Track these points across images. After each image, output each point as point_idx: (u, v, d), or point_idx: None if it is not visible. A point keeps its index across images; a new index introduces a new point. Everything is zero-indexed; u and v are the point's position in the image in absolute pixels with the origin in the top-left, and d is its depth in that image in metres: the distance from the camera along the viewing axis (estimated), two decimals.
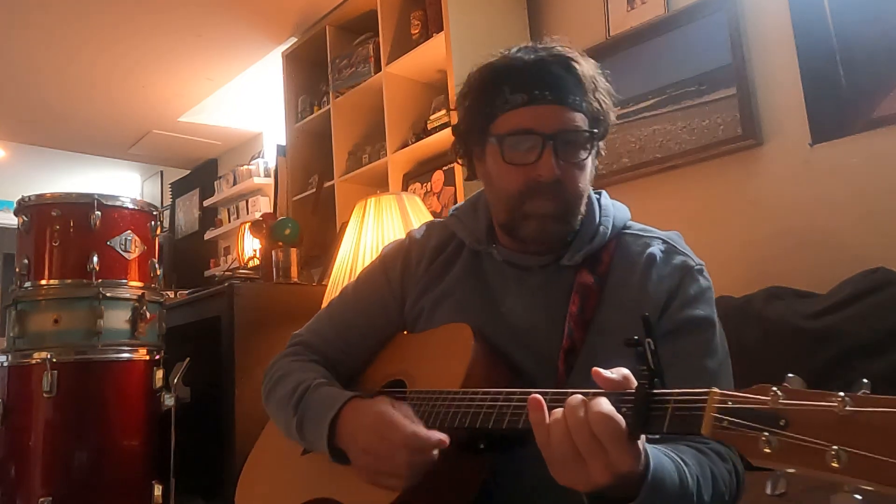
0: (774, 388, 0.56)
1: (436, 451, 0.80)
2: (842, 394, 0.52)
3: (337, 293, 1.94)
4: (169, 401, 1.97)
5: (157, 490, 1.92)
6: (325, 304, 2.02)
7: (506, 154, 0.94)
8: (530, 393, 0.71)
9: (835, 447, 0.50)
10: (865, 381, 0.53)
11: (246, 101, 4.28)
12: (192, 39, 3.50)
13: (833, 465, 0.50)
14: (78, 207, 1.96)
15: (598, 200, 1.03)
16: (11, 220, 2.19)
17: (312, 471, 1.02)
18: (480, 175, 1.03)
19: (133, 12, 3.20)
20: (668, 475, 0.71)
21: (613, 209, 1.03)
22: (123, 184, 6.10)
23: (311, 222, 3.07)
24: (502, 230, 1.01)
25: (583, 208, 0.98)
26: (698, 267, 0.97)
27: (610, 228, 0.99)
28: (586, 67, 0.97)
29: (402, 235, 1.26)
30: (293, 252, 2.48)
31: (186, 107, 4.29)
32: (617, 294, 0.94)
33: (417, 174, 2.81)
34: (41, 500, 1.78)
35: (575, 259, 0.97)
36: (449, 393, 0.86)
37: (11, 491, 1.84)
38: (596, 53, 2.37)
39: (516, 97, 0.94)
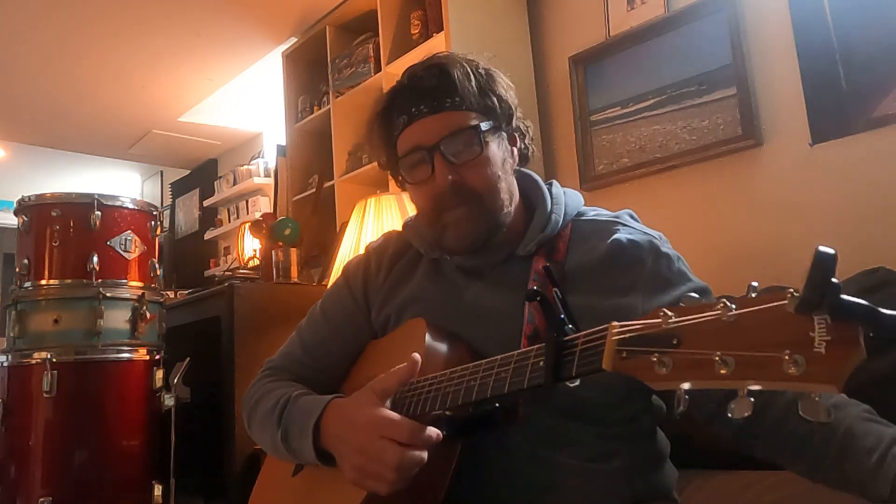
0: (664, 310, 0.55)
1: (424, 453, 0.79)
2: (724, 299, 0.51)
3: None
4: (169, 401, 1.97)
5: (157, 490, 1.92)
6: None
7: (407, 177, 0.99)
8: (484, 363, 0.76)
9: (719, 353, 0.50)
10: (754, 283, 0.52)
11: (246, 101, 4.27)
12: (192, 39, 3.50)
13: (722, 371, 0.50)
14: (78, 207, 1.96)
15: (550, 190, 1.03)
16: (11, 220, 2.19)
17: (302, 490, 1.02)
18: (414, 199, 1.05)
19: (133, 12, 3.20)
20: None
21: (565, 197, 1.03)
22: (123, 184, 6.10)
23: (311, 222, 3.06)
24: (438, 249, 1.03)
25: (502, 200, 0.97)
26: (657, 242, 0.97)
27: (562, 217, 1.00)
28: (461, 66, 0.97)
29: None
30: (293, 252, 2.48)
31: (186, 107, 4.29)
32: (577, 279, 0.94)
33: None
34: (41, 500, 1.78)
35: (529, 248, 0.98)
36: (411, 384, 0.87)
37: (11, 491, 1.84)
38: (596, 53, 2.40)
39: (401, 120, 0.98)
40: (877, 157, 1.76)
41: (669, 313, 0.55)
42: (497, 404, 0.80)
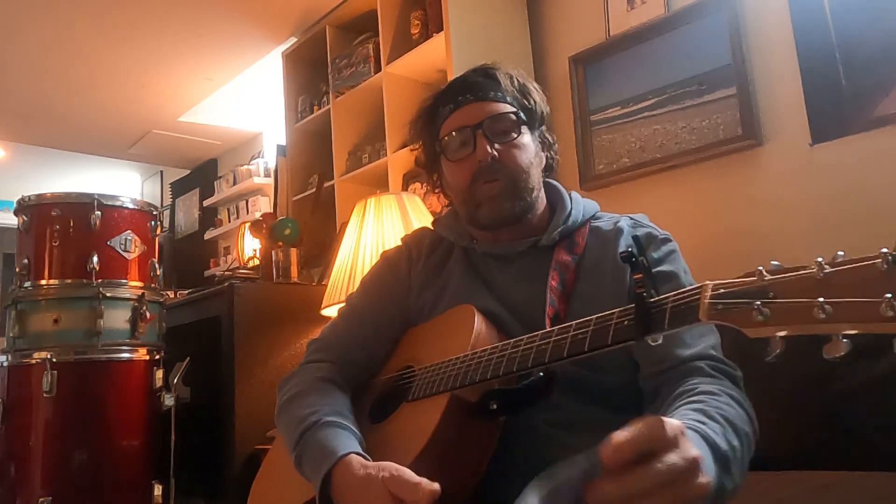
0: (759, 268, 0.61)
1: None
2: (820, 259, 0.58)
3: (336, 293, 1.95)
4: (169, 401, 1.97)
5: (157, 490, 1.92)
6: (324, 303, 2.02)
7: (449, 154, 1.10)
8: (534, 337, 0.82)
9: (819, 299, 0.56)
10: (841, 252, 0.59)
11: (246, 101, 4.28)
12: (192, 39, 3.50)
13: (820, 316, 0.55)
14: (78, 207, 1.96)
15: (570, 195, 1.15)
16: (11, 220, 2.19)
17: None
18: (448, 191, 1.16)
19: (133, 12, 3.20)
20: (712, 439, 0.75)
21: (583, 202, 1.14)
22: (123, 184, 6.10)
23: (311, 222, 3.06)
24: (471, 226, 1.13)
25: (532, 184, 1.08)
26: (663, 236, 1.06)
27: (581, 215, 1.11)
28: (506, 71, 1.12)
29: (402, 235, 1.31)
30: (293, 252, 2.48)
31: (186, 107, 4.29)
32: (593, 269, 1.04)
33: (417, 174, 2.81)
34: (41, 500, 1.78)
35: (552, 237, 1.07)
36: (458, 358, 0.92)
37: (11, 491, 1.84)
38: (596, 53, 2.40)
39: (446, 108, 1.11)
40: (877, 157, 1.75)
41: (765, 272, 0.60)
42: (542, 374, 0.84)
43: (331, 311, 2.00)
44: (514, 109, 1.08)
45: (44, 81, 3.87)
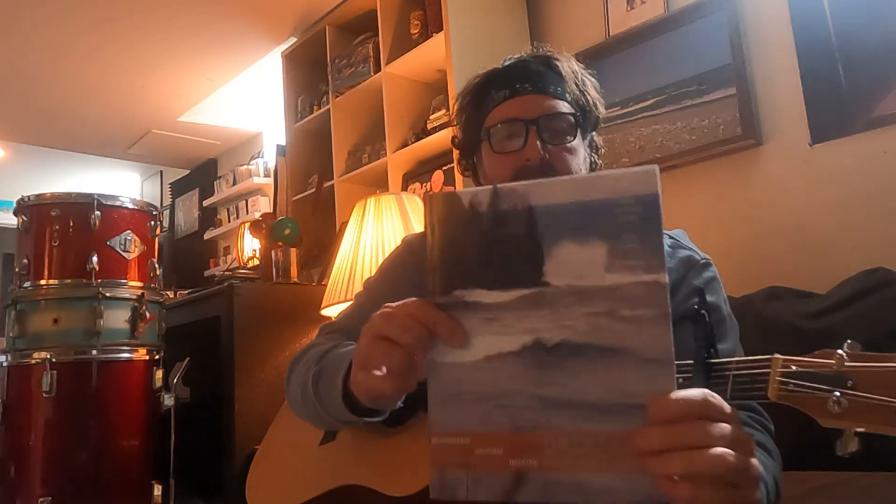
0: (839, 352, 0.57)
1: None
2: None
3: (336, 293, 1.95)
4: (169, 401, 1.97)
5: (157, 490, 1.92)
6: (324, 303, 2.02)
7: (495, 145, 1.01)
8: None
9: None
10: None
11: (246, 101, 4.27)
12: (192, 39, 3.50)
13: None
14: (78, 207, 1.96)
15: None
16: (11, 220, 2.19)
17: (335, 459, 1.01)
18: (483, 180, 1.07)
19: (133, 12, 3.20)
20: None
21: None
22: (123, 184, 6.10)
23: (310, 222, 3.06)
24: None
25: None
26: (703, 261, 1.00)
27: None
28: (568, 64, 1.03)
29: (401, 235, 1.28)
30: (293, 252, 2.48)
31: (186, 107, 4.29)
32: None
33: (417, 174, 2.81)
34: (41, 499, 1.78)
35: None
36: None
37: (11, 491, 1.84)
38: (596, 53, 2.40)
39: (500, 94, 1.01)
40: (877, 157, 1.75)
41: (844, 356, 0.56)
42: None
43: (331, 311, 2.00)
44: (573, 111, 1.01)
45: (44, 82, 3.87)
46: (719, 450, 0.51)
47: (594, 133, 1.07)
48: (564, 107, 1.00)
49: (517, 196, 0.57)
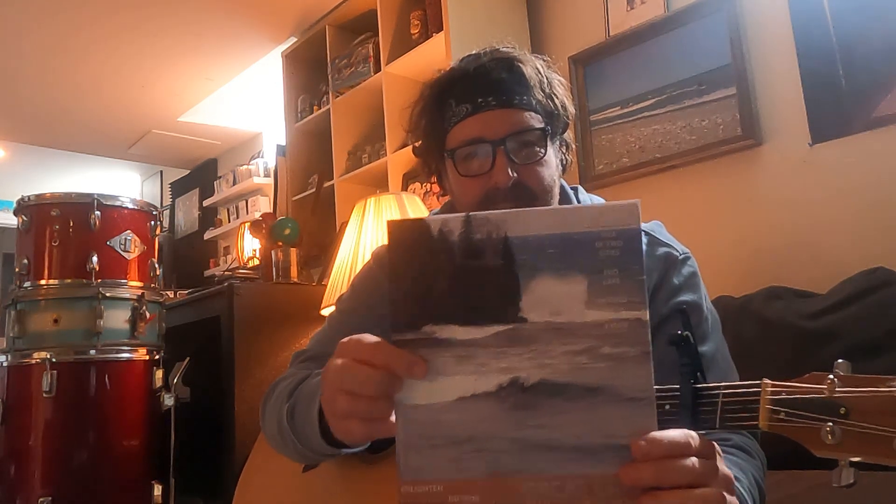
0: (830, 377, 0.55)
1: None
2: None
3: (336, 293, 1.95)
4: (169, 401, 1.96)
5: (157, 490, 1.92)
6: (324, 303, 2.02)
7: (460, 167, 0.94)
8: None
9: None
10: None
11: (245, 101, 4.28)
12: (192, 39, 3.50)
13: None
14: (78, 207, 1.95)
15: (576, 195, 1.04)
16: (11, 220, 2.19)
17: (318, 488, 1.00)
18: (447, 191, 1.03)
19: (133, 13, 3.20)
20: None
21: (590, 201, 1.04)
22: (123, 184, 6.10)
23: (310, 222, 3.07)
24: None
25: (551, 201, 0.95)
26: (682, 256, 0.97)
27: None
28: (531, 65, 0.95)
29: None
30: (293, 252, 2.48)
31: (186, 107, 4.29)
32: None
33: (417, 174, 2.81)
34: (41, 499, 1.78)
35: None
36: None
37: (11, 491, 1.83)
38: (596, 53, 2.40)
39: (461, 108, 0.93)
40: (877, 157, 1.76)
41: (837, 381, 0.54)
42: None
43: (330, 311, 2.00)
44: (542, 122, 0.93)
45: (44, 82, 3.87)
46: (709, 490, 0.54)
47: (564, 133, 1.02)
48: (532, 118, 0.93)
49: (492, 225, 0.54)
